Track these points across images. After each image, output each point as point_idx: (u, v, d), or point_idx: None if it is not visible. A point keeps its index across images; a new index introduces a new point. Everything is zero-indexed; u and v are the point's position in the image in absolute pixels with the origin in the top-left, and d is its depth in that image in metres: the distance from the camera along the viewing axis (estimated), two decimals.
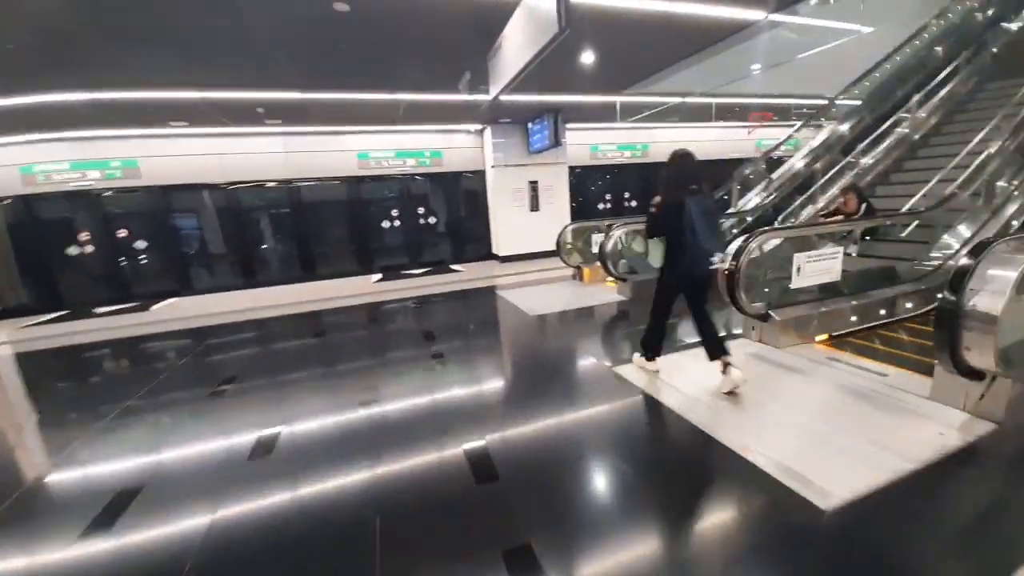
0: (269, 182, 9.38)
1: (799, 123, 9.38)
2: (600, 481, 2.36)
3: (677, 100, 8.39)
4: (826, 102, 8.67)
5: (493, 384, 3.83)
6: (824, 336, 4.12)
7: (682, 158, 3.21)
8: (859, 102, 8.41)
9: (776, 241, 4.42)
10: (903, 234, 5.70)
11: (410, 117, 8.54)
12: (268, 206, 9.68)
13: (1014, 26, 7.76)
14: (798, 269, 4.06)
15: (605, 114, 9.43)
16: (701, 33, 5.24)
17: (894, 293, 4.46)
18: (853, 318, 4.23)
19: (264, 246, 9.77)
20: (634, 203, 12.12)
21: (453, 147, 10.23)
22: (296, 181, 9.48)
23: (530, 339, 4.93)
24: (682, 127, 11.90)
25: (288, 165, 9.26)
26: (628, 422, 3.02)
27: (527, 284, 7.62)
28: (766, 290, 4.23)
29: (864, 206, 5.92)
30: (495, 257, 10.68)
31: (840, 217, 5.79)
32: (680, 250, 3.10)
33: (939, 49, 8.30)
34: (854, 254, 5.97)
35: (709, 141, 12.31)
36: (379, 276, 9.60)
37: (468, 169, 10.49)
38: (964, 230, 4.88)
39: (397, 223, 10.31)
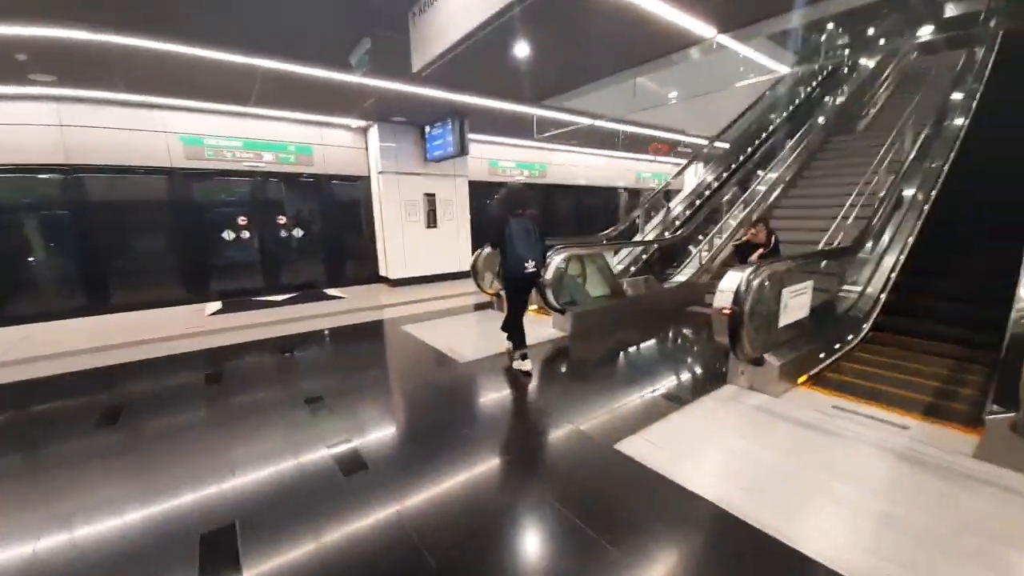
0: (35, 168, 6.20)
1: (683, 160, 9.99)
2: None
3: (587, 122, 8.01)
4: (719, 143, 9.27)
5: (477, 525, 2.22)
6: (803, 377, 3.71)
7: (511, 190, 4.06)
8: (727, 144, 9.23)
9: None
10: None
11: (270, 96, 6.48)
12: (34, 204, 6.39)
13: (842, 97, 9.40)
14: (785, 305, 3.60)
15: (511, 127, 8.64)
16: (649, 43, 4.73)
17: (842, 325, 4.39)
18: (821, 355, 3.94)
19: (31, 260, 6.40)
20: None
21: (328, 144, 8.28)
22: (81, 169, 6.45)
23: (490, 411, 3.44)
24: (577, 152, 11.88)
25: (66, 145, 6.24)
26: (682, 533, 1.93)
27: (435, 315, 6.19)
28: (764, 331, 3.67)
29: (773, 238, 6.14)
30: (383, 280, 8.91)
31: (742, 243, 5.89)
32: (504, 258, 3.88)
33: (790, 109, 9.69)
34: None
35: (598, 169, 12.57)
36: (217, 306, 7.04)
37: (348, 173, 8.61)
38: (865, 266, 5.18)
39: (245, 235, 7.81)
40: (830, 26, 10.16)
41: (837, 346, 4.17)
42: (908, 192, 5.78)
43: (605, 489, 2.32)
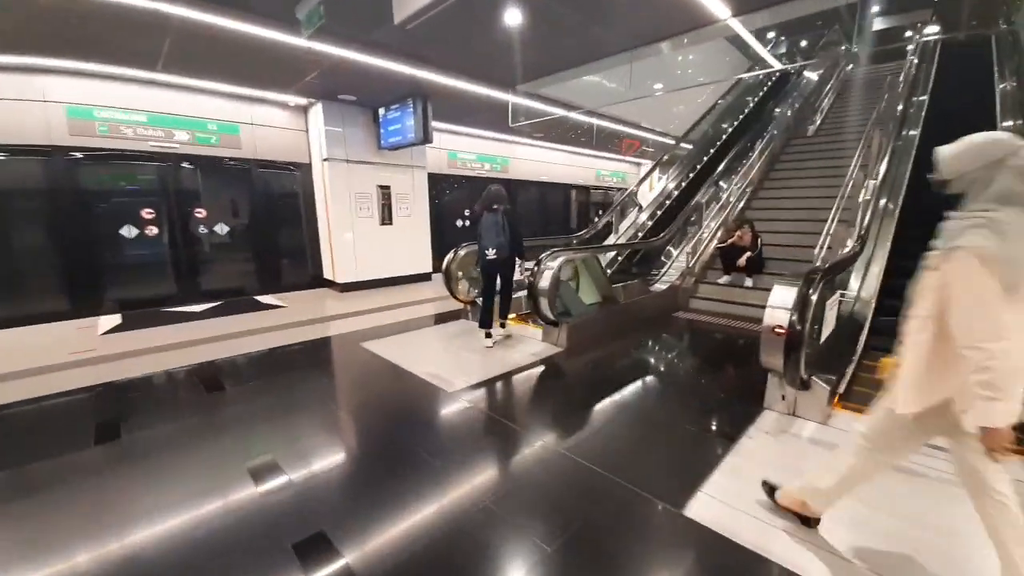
0: None
1: (643, 160, 9.75)
2: None
3: (564, 113, 7.42)
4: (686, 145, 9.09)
5: None
6: (835, 397, 3.36)
7: (488, 190, 4.55)
8: (690, 145, 9.12)
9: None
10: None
11: (186, 59, 5.22)
12: None
13: (797, 103, 9.62)
14: (826, 319, 3.22)
15: (481, 114, 7.82)
16: (658, 19, 4.22)
17: (849, 334, 4.15)
18: (846, 369, 3.64)
19: None
20: None
21: (260, 124, 7.00)
22: None
23: (506, 468, 2.60)
24: (540, 147, 11.30)
25: None
26: None
27: (400, 328, 5.28)
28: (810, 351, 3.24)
29: (759, 241, 5.93)
30: (330, 284, 7.76)
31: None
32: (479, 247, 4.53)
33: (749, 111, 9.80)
34: (751, 285, 5.91)
35: (560, 165, 12.10)
36: (115, 320, 5.61)
37: (285, 159, 7.37)
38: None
39: (152, 230, 6.36)
40: (771, 34, 10.48)
41: (853, 357, 3.92)
42: (883, 199, 5.81)
43: None
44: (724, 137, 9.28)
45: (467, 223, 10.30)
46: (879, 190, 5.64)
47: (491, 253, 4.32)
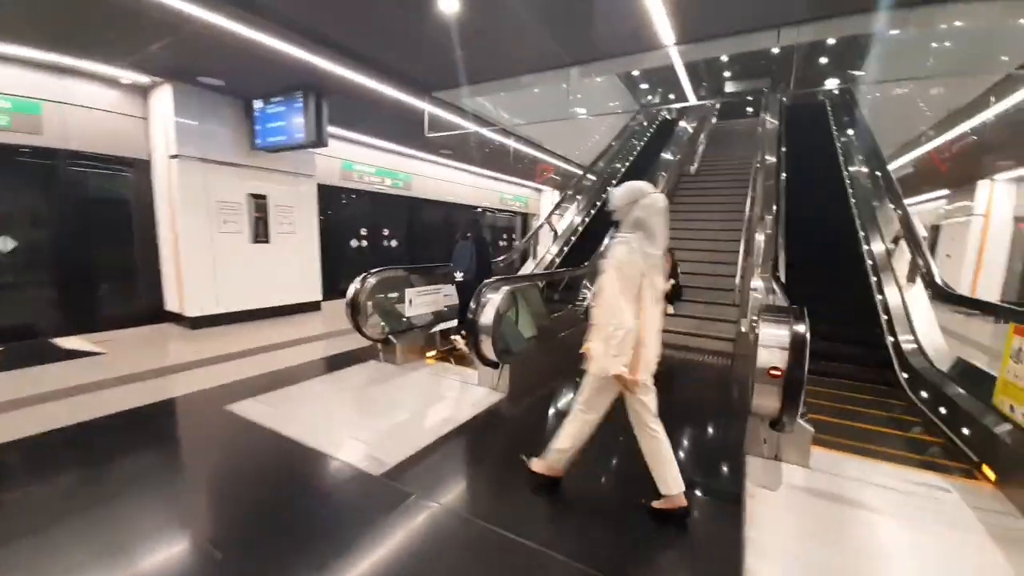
0: None
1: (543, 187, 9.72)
2: None
3: (477, 129, 6.87)
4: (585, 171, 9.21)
5: None
6: None
7: (467, 221, 6.82)
8: (593, 177, 9.37)
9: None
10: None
11: None
12: None
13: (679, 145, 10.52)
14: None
15: (389, 122, 6.85)
16: (610, 32, 3.92)
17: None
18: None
19: None
20: (394, 243, 9.71)
21: (74, 104, 5.10)
22: None
23: None
24: (445, 165, 10.60)
25: None
26: None
27: (287, 380, 3.99)
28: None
29: (678, 268, 6.02)
30: (176, 318, 5.89)
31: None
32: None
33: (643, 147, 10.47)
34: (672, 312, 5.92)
35: (465, 186, 11.55)
36: None
37: (111, 152, 5.49)
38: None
39: None
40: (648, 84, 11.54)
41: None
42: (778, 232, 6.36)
43: None
44: (621, 173, 9.70)
45: (364, 243, 9.05)
46: (775, 225, 6.11)
47: (459, 276, 5.03)
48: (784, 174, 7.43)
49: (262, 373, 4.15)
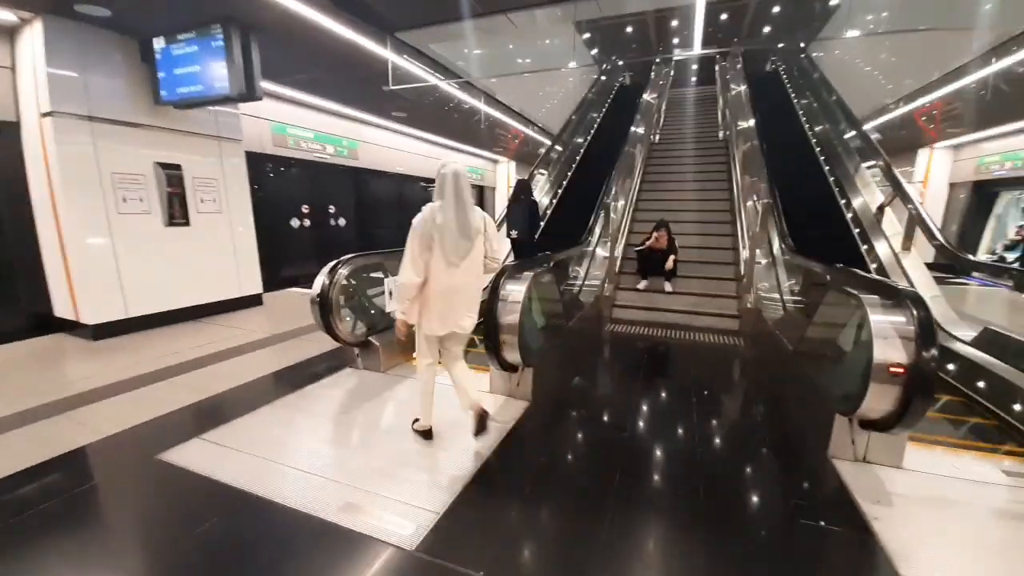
0: None
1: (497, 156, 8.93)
2: None
3: (442, 82, 5.88)
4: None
5: None
6: None
7: (517, 185, 5.75)
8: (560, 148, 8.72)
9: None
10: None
11: None
12: None
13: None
14: None
15: (329, 69, 5.61)
16: None
17: None
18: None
19: None
20: (342, 221, 8.47)
21: None
22: None
23: None
24: (395, 132, 9.38)
25: None
26: None
27: (235, 405, 3.06)
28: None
29: (675, 243, 5.63)
30: (71, 327, 4.54)
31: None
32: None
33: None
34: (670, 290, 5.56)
35: (416, 155, 10.40)
36: None
37: None
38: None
39: None
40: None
41: None
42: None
43: None
44: (585, 145, 9.11)
45: (307, 222, 7.78)
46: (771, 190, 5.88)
47: (514, 233, 5.47)
48: (755, 141, 7.24)
49: (202, 399, 3.17)
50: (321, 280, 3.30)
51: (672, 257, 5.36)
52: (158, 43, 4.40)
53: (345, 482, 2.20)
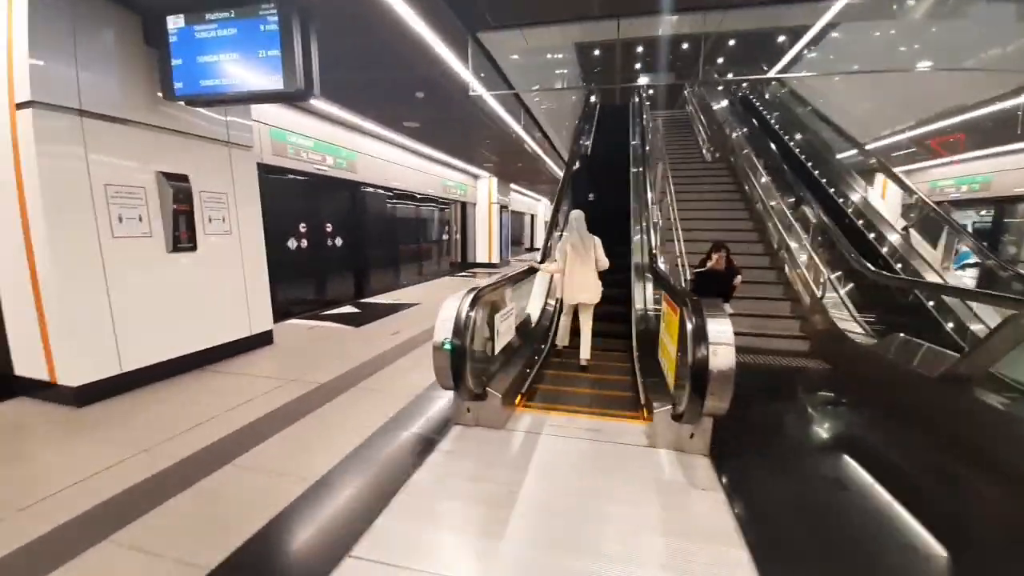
0: None
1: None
2: None
3: (531, 91, 5.33)
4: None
5: None
6: None
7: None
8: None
9: None
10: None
11: None
12: None
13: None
14: None
15: (372, 65, 4.81)
16: None
17: None
18: None
19: None
20: (339, 241, 7.45)
21: None
22: None
23: None
24: (394, 145, 8.55)
25: None
26: None
27: (379, 494, 2.28)
28: None
29: (733, 263, 5.49)
30: (43, 388, 3.35)
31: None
32: None
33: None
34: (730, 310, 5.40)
35: (413, 170, 9.63)
36: None
37: None
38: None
39: None
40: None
41: None
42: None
43: None
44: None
45: (304, 243, 6.73)
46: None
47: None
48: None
49: (303, 491, 2.35)
50: (451, 318, 2.62)
51: (738, 278, 5.19)
52: (174, 22, 3.47)
53: None
